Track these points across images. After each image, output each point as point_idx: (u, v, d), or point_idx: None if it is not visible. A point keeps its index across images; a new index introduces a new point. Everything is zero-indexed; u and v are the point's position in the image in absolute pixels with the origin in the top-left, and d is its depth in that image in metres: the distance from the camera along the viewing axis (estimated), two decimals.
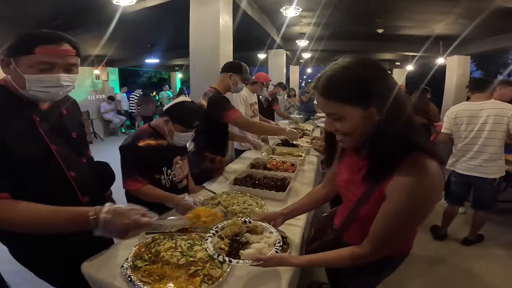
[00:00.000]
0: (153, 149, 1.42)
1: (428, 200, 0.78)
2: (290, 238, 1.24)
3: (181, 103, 1.47)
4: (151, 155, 1.41)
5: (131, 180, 1.36)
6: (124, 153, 1.40)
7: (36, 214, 0.85)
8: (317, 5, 3.94)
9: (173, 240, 1.17)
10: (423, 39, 5.39)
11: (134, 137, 1.43)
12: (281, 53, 7.06)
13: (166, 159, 1.51)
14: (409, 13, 4.25)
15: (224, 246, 1.00)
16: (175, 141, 1.48)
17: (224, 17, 2.83)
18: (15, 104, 0.91)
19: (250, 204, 1.49)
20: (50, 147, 0.98)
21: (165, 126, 1.45)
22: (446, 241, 2.65)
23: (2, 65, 0.90)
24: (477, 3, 3.49)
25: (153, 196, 1.39)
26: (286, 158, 2.32)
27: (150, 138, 1.44)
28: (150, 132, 1.47)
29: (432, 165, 0.75)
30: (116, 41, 5.90)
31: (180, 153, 1.59)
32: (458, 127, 2.36)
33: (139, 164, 1.38)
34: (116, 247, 1.19)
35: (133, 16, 3.86)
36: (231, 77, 2.03)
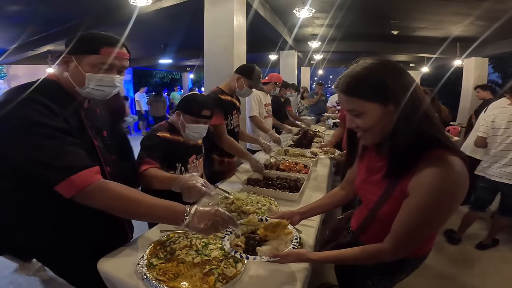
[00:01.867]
0: (170, 142, 1.47)
1: (453, 197, 0.76)
2: (304, 238, 1.23)
3: (190, 94, 1.55)
4: (167, 147, 1.45)
5: (143, 163, 1.32)
6: (143, 141, 1.44)
7: (147, 198, 0.93)
8: (331, 6, 3.91)
9: (188, 239, 1.18)
10: (439, 40, 5.27)
11: (153, 129, 1.50)
12: (292, 54, 7.04)
13: (182, 156, 1.54)
14: (424, 14, 4.17)
15: (240, 243, 1.01)
16: (188, 134, 1.50)
17: (238, 18, 2.84)
18: (68, 99, 0.95)
19: (263, 204, 1.49)
20: (93, 142, 1.03)
21: (178, 119, 1.49)
22: (460, 245, 2.59)
23: (62, 62, 0.95)
24: (497, 5, 3.40)
25: (159, 179, 1.28)
26: (299, 159, 2.31)
27: (167, 132, 1.49)
28: (167, 126, 1.52)
29: (456, 161, 0.75)
30: (131, 41, 5.99)
31: (195, 152, 1.62)
32: (495, 131, 2.27)
33: (154, 151, 1.40)
34: (131, 245, 1.20)
35: (148, 17, 3.93)
36: (239, 80, 1.99)
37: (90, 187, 0.84)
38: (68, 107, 0.93)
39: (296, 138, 3.03)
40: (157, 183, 1.32)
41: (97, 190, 0.85)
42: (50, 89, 0.93)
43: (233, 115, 2.06)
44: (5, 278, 2.13)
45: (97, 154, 1.04)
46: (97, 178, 0.86)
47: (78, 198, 0.84)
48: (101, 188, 0.86)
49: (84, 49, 0.93)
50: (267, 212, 1.43)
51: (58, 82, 0.96)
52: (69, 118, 0.91)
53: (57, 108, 0.87)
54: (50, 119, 0.83)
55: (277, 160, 2.21)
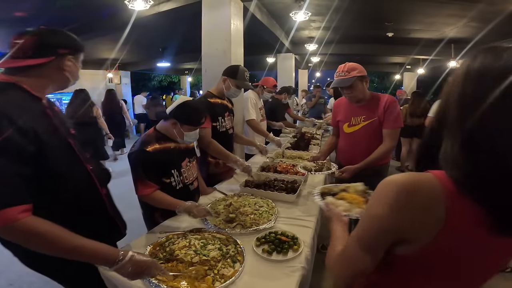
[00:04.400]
0: (161, 153, 1.43)
1: None
2: (301, 238, 1.26)
3: (185, 103, 1.49)
4: (160, 159, 1.42)
5: (142, 185, 1.37)
6: (133, 159, 1.41)
7: (72, 239, 0.84)
8: (327, 9, 3.96)
9: (186, 239, 1.21)
10: (434, 42, 5.33)
11: (141, 142, 1.43)
12: (290, 57, 7.09)
13: (175, 162, 1.52)
14: (419, 16, 4.22)
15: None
16: (185, 141, 1.51)
17: (235, 22, 2.88)
18: (30, 100, 0.91)
19: (261, 205, 1.52)
20: (69, 141, 1.02)
21: (174, 128, 1.46)
22: None
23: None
24: (491, 6, 3.45)
25: (163, 202, 1.40)
26: (296, 161, 2.34)
27: (158, 142, 1.44)
28: (157, 136, 1.48)
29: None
30: (129, 45, 6.04)
31: (188, 155, 1.60)
32: None
33: (149, 169, 1.38)
34: (130, 246, 1.23)
35: (146, 21, 3.96)
36: (225, 82, 2.03)
37: (11, 225, 0.77)
38: (33, 111, 0.89)
39: (294, 140, 3.07)
40: (161, 206, 1.43)
41: (19, 229, 0.78)
42: (10, 94, 0.87)
43: (225, 117, 2.07)
44: (5, 280, 2.15)
45: (75, 153, 1.04)
46: (21, 218, 0.78)
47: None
48: (23, 228, 0.79)
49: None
50: (266, 213, 1.45)
51: (18, 84, 0.89)
52: (36, 123, 0.87)
53: (15, 116, 0.81)
54: None
55: (275, 162, 2.24)
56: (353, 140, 1.97)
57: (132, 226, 1.47)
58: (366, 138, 1.89)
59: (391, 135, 1.83)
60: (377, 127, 1.85)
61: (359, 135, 1.92)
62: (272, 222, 1.39)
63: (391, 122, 1.82)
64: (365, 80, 1.84)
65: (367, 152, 1.82)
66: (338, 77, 1.83)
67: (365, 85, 1.85)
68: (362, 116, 1.89)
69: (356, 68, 1.79)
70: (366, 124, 1.88)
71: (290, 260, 1.14)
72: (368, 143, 1.87)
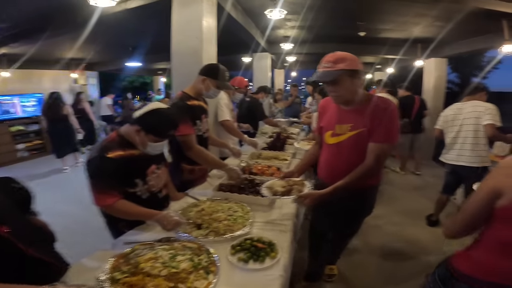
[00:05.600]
0: (124, 160, 1.30)
1: None
2: (279, 244, 1.21)
3: (154, 111, 1.34)
4: (122, 167, 1.29)
5: (101, 195, 1.24)
6: (92, 167, 1.26)
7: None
8: (301, 8, 3.96)
9: (154, 251, 1.11)
10: (402, 42, 5.54)
11: (101, 148, 1.29)
12: (265, 57, 7.07)
13: (139, 170, 1.39)
14: (389, 16, 4.33)
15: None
16: (148, 151, 1.37)
17: (208, 19, 2.78)
18: None
19: (235, 210, 1.45)
20: None
21: (136, 136, 1.33)
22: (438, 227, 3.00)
23: None
24: (453, 4, 3.58)
25: (130, 213, 1.29)
26: (271, 162, 2.29)
27: (120, 149, 1.31)
28: (119, 141, 1.34)
29: None
30: (96, 44, 5.72)
31: (156, 162, 1.47)
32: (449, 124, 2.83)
33: (109, 178, 1.25)
34: (93, 258, 1.13)
35: (113, 18, 3.72)
36: (205, 82, 1.88)
37: None
38: None
39: (270, 141, 3.02)
40: (128, 217, 1.31)
41: None
42: None
43: (201, 120, 1.96)
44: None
45: None
46: None
47: None
48: None
49: None
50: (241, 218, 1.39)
51: None
52: None
53: None
54: None
55: (250, 164, 2.17)
56: (334, 155, 1.56)
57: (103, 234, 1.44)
58: (351, 153, 1.48)
59: (375, 151, 1.42)
60: (367, 140, 1.45)
61: (343, 149, 1.51)
62: (248, 228, 1.32)
63: (378, 135, 1.41)
64: (357, 76, 1.41)
65: (349, 172, 1.45)
66: (321, 68, 1.42)
67: (357, 83, 1.42)
68: (349, 124, 1.47)
69: (345, 59, 1.38)
70: (353, 136, 1.46)
71: (267, 268, 1.09)
72: (354, 160, 1.46)
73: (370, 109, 1.43)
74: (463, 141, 2.63)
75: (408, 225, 3.13)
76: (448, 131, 2.76)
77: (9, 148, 6.05)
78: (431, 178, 4.93)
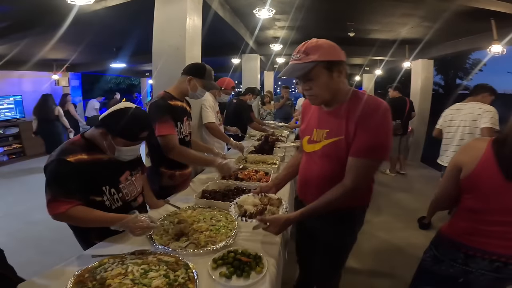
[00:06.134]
0: (88, 165, 1.15)
1: None
2: (265, 257, 1.11)
3: (121, 111, 1.19)
4: (85, 173, 1.14)
5: (54, 203, 1.09)
6: (48, 172, 1.12)
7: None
8: (291, 7, 3.89)
9: (124, 265, 0.99)
10: (390, 43, 5.55)
11: (60, 151, 1.15)
12: (255, 58, 6.98)
13: (108, 177, 1.24)
14: (377, 16, 4.30)
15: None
16: (118, 156, 1.23)
17: (192, 17, 2.66)
18: None
19: (218, 219, 1.33)
20: None
21: (103, 140, 1.19)
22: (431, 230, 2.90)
23: None
24: (440, 3, 3.57)
25: (88, 219, 1.13)
26: (259, 166, 2.18)
27: (83, 152, 1.16)
28: (83, 144, 1.19)
29: None
30: (78, 44, 5.51)
31: (130, 168, 1.33)
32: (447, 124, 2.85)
33: (66, 183, 1.11)
34: (56, 272, 1.02)
35: (94, 17, 3.56)
36: (191, 82, 1.78)
37: None
38: None
39: (258, 143, 2.92)
40: (86, 223, 1.16)
41: None
42: None
43: (183, 122, 1.84)
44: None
45: None
46: None
47: None
48: None
49: None
50: (224, 228, 1.28)
51: None
52: None
53: None
54: None
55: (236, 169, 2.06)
56: (308, 167, 1.27)
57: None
58: (325, 168, 1.19)
59: (355, 168, 1.09)
60: (345, 152, 1.12)
61: (316, 161, 1.22)
62: (231, 239, 1.21)
63: (360, 146, 1.07)
64: (337, 69, 1.10)
65: (323, 191, 1.15)
66: (291, 61, 1.15)
67: (337, 77, 1.11)
68: (326, 130, 1.18)
69: (319, 49, 1.08)
70: (328, 145, 1.16)
71: (252, 285, 0.99)
72: (327, 177, 1.17)
73: (353, 112, 1.09)
74: (458, 143, 2.57)
75: (400, 229, 3.07)
76: (445, 131, 2.72)
77: None
78: (419, 178, 4.96)
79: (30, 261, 2.20)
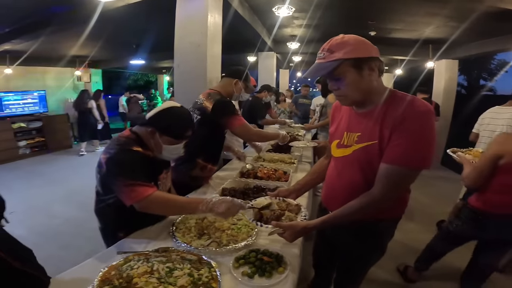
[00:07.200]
0: (144, 159, 1.20)
1: None
2: (287, 256, 1.10)
3: (169, 110, 1.25)
4: (144, 165, 1.19)
5: (137, 187, 1.11)
6: (118, 162, 1.15)
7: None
8: (309, 5, 3.84)
9: (149, 263, 1.00)
10: (413, 42, 5.37)
11: (121, 143, 1.20)
12: (271, 56, 6.95)
13: (152, 173, 1.28)
14: (401, 15, 4.18)
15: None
16: (164, 155, 1.27)
17: (213, 14, 2.66)
18: None
19: (239, 218, 1.32)
20: None
21: (151, 138, 1.23)
22: None
23: None
24: (467, 3, 3.45)
25: (172, 204, 1.18)
26: (278, 165, 2.16)
27: (138, 146, 1.21)
28: (135, 139, 1.24)
29: None
30: (100, 41, 5.65)
31: (165, 167, 1.39)
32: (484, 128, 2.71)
33: (142, 169, 1.15)
34: (83, 267, 1.03)
35: (116, 14, 3.63)
36: (237, 84, 1.89)
37: None
38: None
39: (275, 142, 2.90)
40: (167, 209, 1.20)
41: None
42: None
43: None
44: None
45: None
46: None
47: None
48: None
49: None
50: (245, 227, 1.27)
51: None
52: None
53: None
54: None
55: (254, 167, 2.05)
56: (336, 173, 1.19)
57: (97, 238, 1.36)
58: (355, 175, 1.10)
59: (386, 177, 0.99)
60: (379, 158, 1.01)
61: (346, 167, 1.14)
62: (253, 238, 1.20)
63: (395, 152, 0.97)
64: (367, 66, 1.00)
65: (351, 200, 1.06)
66: (317, 59, 1.06)
67: (368, 75, 1.01)
68: (357, 134, 1.09)
69: (345, 45, 1.00)
70: (359, 150, 1.07)
71: (274, 285, 0.97)
72: (357, 184, 1.09)
73: (389, 114, 0.99)
74: None
75: (417, 232, 2.97)
76: (481, 135, 2.59)
77: (11, 145, 6.01)
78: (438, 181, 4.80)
79: (50, 255, 2.28)
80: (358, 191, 1.05)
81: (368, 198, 1.02)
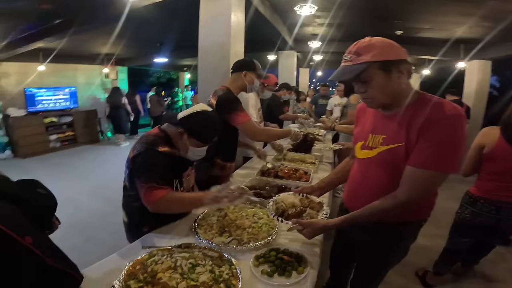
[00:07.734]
0: (170, 158, 1.25)
1: None
2: (307, 256, 1.10)
3: (201, 114, 1.28)
4: (169, 164, 1.24)
5: (154, 189, 1.16)
6: (143, 161, 1.21)
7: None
8: (332, 4, 3.77)
9: (172, 259, 1.03)
10: (442, 42, 5.13)
11: (149, 142, 1.25)
12: (292, 55, 6.89)
13: (177, 171, 1.33)
14: (430, 15, 4.03)
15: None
16: (188, 155, 1.32)
17: (236, 14, 2.68)
18: None
19: (260, 217, 1.33)
20: None
21: (179, 138, 1.28)
22: None
23: None
24: (504, 4, 3.27)
25: (182, 202, 1.22)
26: (298, 165, 2.15)
27: (166, 145, 1.26)
28: (164, 137, 1.29)
29: None
30: (125, 39, 5.84)
31: (190, 164, 1.44)
32: None
33: (162, 171, 1.20)
34: (109, 261, 1.06)
35: (142, 13, 3.75)
36: (246, 76, 1.86)
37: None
38: None
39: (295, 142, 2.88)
40: (180, 207, 1.25)
41: None
42: None
43: None
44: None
45: None
46: None
47: None
48: None
49: None
50: (266, 226, 1.27)
51: None
52: None
53: None
54: None
55: (275, 166, 2.05)
56: (360, 174, 1.18)
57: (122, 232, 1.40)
58: (380, 177, 1.09)
59: (412, 180, 0.97)
60: (405, 161, 1.00)
61: (371, 169, 1.13)
62: (273, 236, 1.21)
63: (421, 155, 0.95)
64: (395, 69, 0.98)
65: (375, 199, 1.05)
66: (342, 62, 1.04)
67: (396, 78, 0.98)
68: (383, 136, 1.08)
69: (372, 48, 0.97)
70: (384, 152, 1.06)
71: (293, 284, 0.98)
72: (381, 186, 1.07)
73: (417, 117, 0.96)
74: None
75: (437, 237, 2.83)
76: None
77: (43, 138, 6.38)
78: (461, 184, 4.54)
79: (74, 247, 2.34)
80: (382, 192, 1.04)
81: (392, 200, 1.00)
